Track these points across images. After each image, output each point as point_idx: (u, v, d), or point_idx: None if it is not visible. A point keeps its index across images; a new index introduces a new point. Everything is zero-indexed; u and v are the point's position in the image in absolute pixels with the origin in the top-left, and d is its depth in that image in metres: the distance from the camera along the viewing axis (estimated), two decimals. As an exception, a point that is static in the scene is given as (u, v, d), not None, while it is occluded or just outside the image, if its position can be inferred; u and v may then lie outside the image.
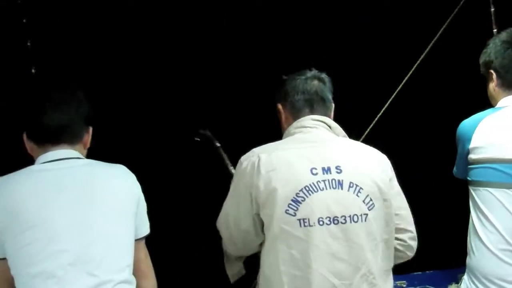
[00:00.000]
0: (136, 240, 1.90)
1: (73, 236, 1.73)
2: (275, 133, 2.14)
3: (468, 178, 2.30)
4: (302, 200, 1.85)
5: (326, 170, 1.89)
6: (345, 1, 3.54)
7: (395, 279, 2.58)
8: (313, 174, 1.88)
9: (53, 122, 1.84)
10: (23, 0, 3.23)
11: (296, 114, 2.07)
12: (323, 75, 2.14)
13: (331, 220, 1.85)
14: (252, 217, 1.93)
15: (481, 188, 2.23)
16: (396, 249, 2.03)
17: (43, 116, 1.84)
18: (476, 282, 2.26)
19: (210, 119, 3.15)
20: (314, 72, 2.14)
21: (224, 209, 2.03)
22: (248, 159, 1.96)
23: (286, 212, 1.85)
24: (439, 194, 3.25)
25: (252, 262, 2.06)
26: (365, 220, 1.89)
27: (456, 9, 2.95)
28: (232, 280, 2.14)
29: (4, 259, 1.74)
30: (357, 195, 1.89)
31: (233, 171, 2.43)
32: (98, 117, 1.99)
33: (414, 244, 2.09)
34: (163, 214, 2.64)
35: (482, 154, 2.22)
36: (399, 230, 2.03)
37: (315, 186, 1.87)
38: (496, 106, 2.32)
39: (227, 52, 3.44)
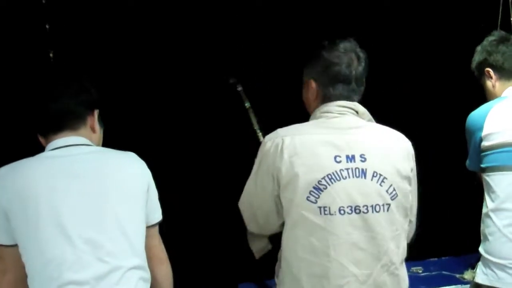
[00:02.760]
0: (149, 226, 1.91)
1: (82, 223, 1.73)
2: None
3: (482, 166, 2.33)
4: (324, 188, 1.81)
5: (350, 158, 1.85)
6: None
7: (411, 265, 2.60)
8: (336, 162, 1.84)
9: (51, 110, 1.85)
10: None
11: (327, 99, 1.97)
12: (362, 52, 1.99)
13: (353, 209, 1.82)
14: (274, 198, 1.91)
15: (495, 173, 2.27)
16: None
17: (42, 106, 1.86)
18: (492, 267, 2.27)
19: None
20: (353, 47, 1.98)
21: (247, 189, 2.01)
22: (271, 140, 1.91)
23: (308, 199, 1.82)
24: (455, 182, 3.23)
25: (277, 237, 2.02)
26: (388, 210, 1.85)
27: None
28: (257, 256, 2.11)
29: (16, 245, 1.76)
30: (380, 184, 1.85)
31: (261, 138, 2.35)
32: (109, 104, 1.99)
33: (411, 234, 2.07)
34: (175, 201, 2.64)
35: (496, 140, 2.27)
36: None
37: (338, 175, 1.82)
38: (501, 96, 2.38)
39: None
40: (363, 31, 3.48)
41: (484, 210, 2.33)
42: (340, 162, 1.84)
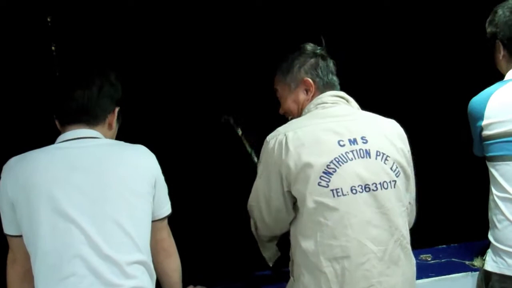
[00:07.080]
0: (158, 220, 1.90)
1: (84, 216, 1.71)
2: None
3: (486, 155, 2.28)
4: (333, 171, 1.87)
5: (353, 141, 1.92)
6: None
7: (420, 253, 2.59)
8: (340, 145, 1.91)
9: (74, 103, 1.84)
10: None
11: (325, 90, 2.09)
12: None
13: (363, 187, 1.88)
14: (283, 195, 1.94)
15: (499, 163, 2.22)
16: None
17: (64, 97, 1.85)
18: (502, 254, 2.24)
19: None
20: (323, 50, 2.15)
21: (254, 189, 2.05)
22: (274, 138, 1.96)
23: (319, 184, 1.86)
24: (463, 169, 3.22)
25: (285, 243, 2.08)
26: (395, 187, 1.93)
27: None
28: (270, 262, 2.19)
29: (21, 236, 1.76)
30: (384, 162, 1.93)
31: (255, 160, 2.42)
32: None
33: (412, 219, 2.11)
34: (185, 196, 2.64)
35: (497, 129, 2.20)
36: None
37: (344, 157, 1.89)
38: (504, 79, 2.29)
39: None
40: (363, 31, 3.50)
41: (490, 197, 2.29)
42: (344, 145, 1.91)
